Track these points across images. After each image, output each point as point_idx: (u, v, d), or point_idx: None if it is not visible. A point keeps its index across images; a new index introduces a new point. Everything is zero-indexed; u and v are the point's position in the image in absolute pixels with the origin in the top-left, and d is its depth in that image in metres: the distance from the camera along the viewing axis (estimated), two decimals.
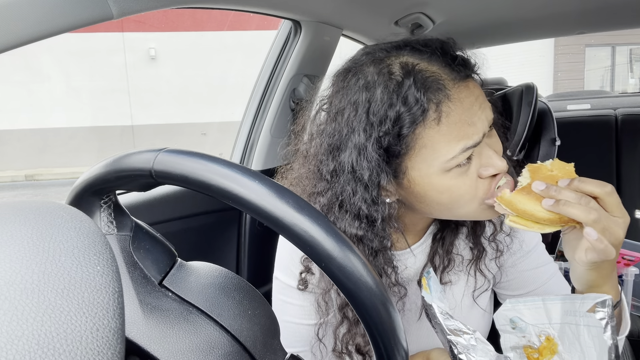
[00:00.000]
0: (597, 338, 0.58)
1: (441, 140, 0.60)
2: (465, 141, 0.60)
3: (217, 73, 9.91)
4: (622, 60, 11.90)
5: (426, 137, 0.60)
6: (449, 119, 0.59)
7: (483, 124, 0.61)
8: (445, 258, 0.77)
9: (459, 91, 0.60)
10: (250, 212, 0.33)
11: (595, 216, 0.56)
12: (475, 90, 0.63)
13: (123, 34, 9.73)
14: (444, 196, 0.63)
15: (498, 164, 0.62)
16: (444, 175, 0.62)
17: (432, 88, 0.59)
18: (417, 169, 0.63)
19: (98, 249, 0.26)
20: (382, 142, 0.61)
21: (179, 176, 0.34)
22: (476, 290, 0.80)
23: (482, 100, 0.63)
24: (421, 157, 0.61)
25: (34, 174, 9.18)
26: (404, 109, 0.59)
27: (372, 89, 0.61)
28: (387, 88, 0.60)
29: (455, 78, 0.61)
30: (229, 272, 0.42)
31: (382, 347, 0.35)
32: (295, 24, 1.31)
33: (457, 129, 0.59)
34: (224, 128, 8.97)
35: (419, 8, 1.31)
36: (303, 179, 0.71)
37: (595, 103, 2.45)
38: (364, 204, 0.63)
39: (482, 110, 0.62)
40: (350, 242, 0.33)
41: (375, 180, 0.62)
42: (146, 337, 0.34)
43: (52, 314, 0.21)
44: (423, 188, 0.64)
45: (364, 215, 0.64)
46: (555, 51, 11.72)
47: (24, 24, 0.59)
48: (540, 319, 0.64)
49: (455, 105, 0.59)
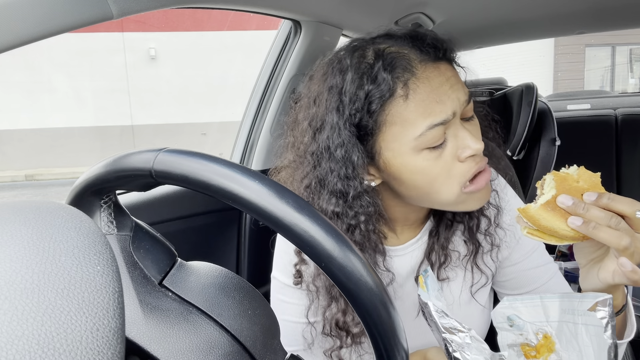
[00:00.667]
0: (596, 337, 0.57)
1: (409, 116, 0.62)
2: (433, 118, 0.62)
3: (217, 73, 9.91)
4: (622, 60, 11.90)
5: (395, 114, 0.63)
6: (416, 96, 0.62)
7: (453, 103, 0.63)
8: (441, 254, 0.77)
9: (427, 71, 0.63)
10: (250, 212, 0.33)
11: (627, 242, 0.53)
12: (447, 72, 0.65)
13: (123, 34, 9.73)
14: (418, 177, 0.65)
15: (472, 145, 0.64)
16: (416, 155, 0.64)
17: (399, 67, 0.63)
18: (390, 149, 0.65)
19: (98, 249, 0.26)
20: (354, 120, 0.64)
21: (179, 176, 0.34)
22: (474, 286, 0.80)
23: (454, 82, 0.65)
24: (392, 135, 0.64)
25: (34, 174, 9.18)
26: (373, 87, 0.63)
27: (345, 72, 0.65)
28: (358, 70, 0.64)
29: (424, 59, 0.64)
30: (229, 272, 0.42)
31: (382, 347, 0.35)
32: (295, 24, 1.31)
33: (425, 106, 0.62)
34: (224, 128, 8.98)
35: (419, 8, 1.31)
36: (292, 166, 0.74)
37: (595, 103, 2.45)
38: (339, 182, 0.66)
39: (453, 90, 0.64)
40: (350, 242, 0.33)
41: (349, 158, 0.65)
42: (146, 337, 0.34)
43: (52, 314, 0.21)
44: (398, 169, 0.66)
45: (341, 192, 0.67)
46: (555, 51, 11.73)
47: (24, 24, 0.59)
48: (537, 316, 0.64)
49: (422, 83, 0.62)
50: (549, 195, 0.58)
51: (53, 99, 9.71)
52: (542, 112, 1.89)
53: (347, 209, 0.67)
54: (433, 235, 0.78)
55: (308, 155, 0.69)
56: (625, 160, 2.18)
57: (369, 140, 0.66)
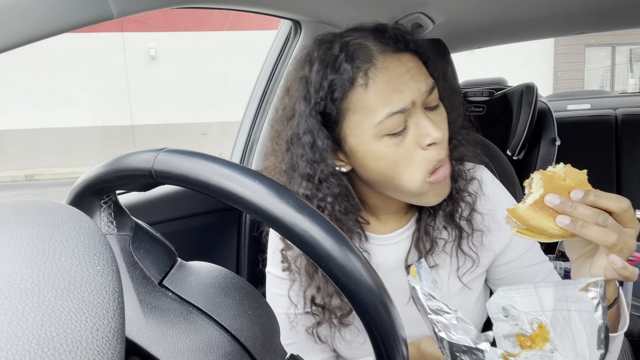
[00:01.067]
0: (588, 322, 0.57)
1: (369, 104, 0.66)
2: (391, 106, 0.65)
3: (217, 73, 9.91)
4: (622, 60, 11.90)
5: (356, 102, 0.67)
6: (375, 85, 0.65)
7: (413, 93, 0.66)
8: (427, 240, 0.79)
9: (387, 61, 0.66)
10: (250, 212, 0.33)
11: (614, 239, 0.53)
12: (409, 63, 0.68)
13: (123, 34, 9.73)
14: (380, 164, 0.68)
15: (432, 133, 0.66)
16: (377, 141, 0.67)
17: (360, 57, 0.66)
18: (354, 136, 0.69)
19: (98, 249, 0.26)
20: (319, 108, 0.68)
21: (179, 176, 0.34)
22: (459, 269, 0.80)
23: (415, 73, 0.67)
24: (354, 122, 0.68)
25: (34, 174, 9.18)
26: (336, 76, 0.67)
27: (312, 64, 0.69)
28: (323, 61, 0.68)
29: (385, 50, 0.67)
30: (229, 272, 0.42)
31: (382, 347, 0.35)
32: (295, 24, 1.31)
33: (384, 94, 0.65)
34: (224, 128, 8.98)
35: (419, 8, 1.31)
36: (273, 154, 0.78)
37: (595, 103, 2.45)
38: (307, 166, 0.70)
39: (414, 81, 0.67)
40: (350, 242, 0.33)
41: (314, 143, 0.69)
42: (146, 337, 0.34)
43: (52, 314, 0.21)
44: (362, 155, 0.69)
45: (309, 176, 0.71)
46: (555, 51, 11.72)
47: (24, 24, 0.59)
48: (532, 306, 0.65)
49: (382, 72, 0.66)
50: (537, 194, 0.59)
51: (53, 99, 9.71)
52: (542, 112, 1.89)
53: (316, 191, 0.71)
54: (418, 222, 0.81)
55: (282, 142, 0.74)
56: (625, 160, 2.18)
57: (335, 128, 0.70)
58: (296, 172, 0.72)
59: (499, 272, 0.84)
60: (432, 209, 0.79)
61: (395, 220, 0.82)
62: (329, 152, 0.70)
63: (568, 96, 2.82)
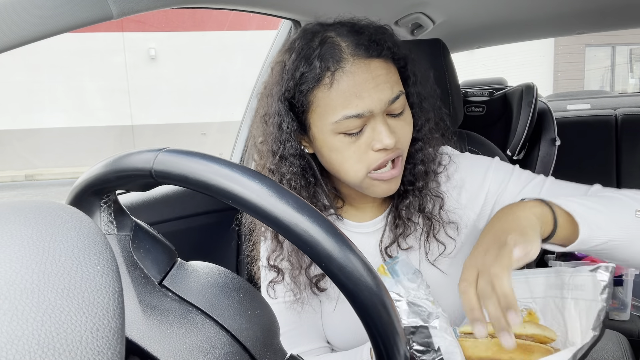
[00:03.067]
0: (586, 308, 0.57)
1: (329, 103, 0.70)
2: (348, 110, 0.68)
3: (217, 73, 9.91)
4: (622, 60, 11.90)
5: (320, 98, 0.70)
6: (338, 87, 0.69)
7: (373, 102, 0.69)
8: (400, 224, 0.81)
9: (355, 66, 0.69)
10: (250, 212, 0.33)
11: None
12: (377, 70, 0.70)
13: (123, 34, 9.73)
14: (332, 155, 0.73)
15: (384, 140, 0.69)
16: (333, 136, 0.71)
17: (331, 57, 0.69)
18: (316, 126, 0.73)
19: (98, 249, 0.26)
20: (288, 95, 0.73)
21: (179, 176, 0.34)
22: (428, 254, 0.82)
23: (380, 81, 0.69)
24: (317, 115, 0.72)
25: (34, 174, 9.18)
26: (307, 70, 0.70)
27: (292, 52, 0.73)
28: (301, 53, 0.71)
29: (356, 54, 0.69)
30: (229, 272, 0.42)
31: (382, 347, 0.35)
32: (295, 24, 1.31)
33: (344, 97, 0.68)
34: (224, 128, 8.98)
35: (419, 8, 1.31)
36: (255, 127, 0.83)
37: (595, 103, 2.44)
38: (274, 143, 0.75)
39: (377, 90, 0.69)
40: (350, 242, 0.33)
41: (280, 125, 0.74)
42: (146, 337, 0.34)
43: (52, 314, 0.21)
44: (320, 144, 0.74)
45: (274, 152, 0.76)
46: (555, 51, 11.72)
47: (24, 24, 0.59)
48: (522, 293, 0.65)
49: (347, 76, 0.68)
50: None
51: (53, 99, 9.71)
52: (542, 112, 1.89)
53: (278, 167, 0.76)
54: (392, 206, 0.84)
55: (259, 117, 0.80)
56: (625, 160, 2.18)
57: (301, 115, 0.74)
58: (266, 147, 0.78)
59: None
60: (404, 192, 0.81)
61: (373, 208, 0.85)
62: (292, 134, 0.74)
63: (568, 96, 2.82)
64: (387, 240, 0.83)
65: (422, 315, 0.63)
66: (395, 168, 0.73)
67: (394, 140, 0.70)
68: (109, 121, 9.98)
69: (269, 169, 0.78)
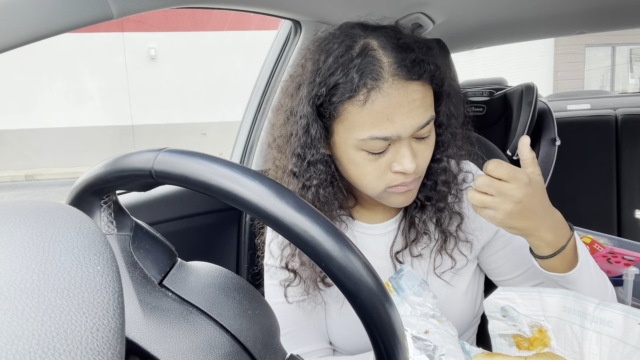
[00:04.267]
0: (609, 348, 0.56)
1: (359, 120, 0.67)
2: (376, 131, 0.67)
3: (217, 73, 9.90)
4: (622, 60, 11.89)
5: (350, 112, 0.68)
6: (372, 106, 0.66)
7: (404, 127, 0.67)
8: (412, 232, 0.81)
9: (393, 87, 0.66)
10: (250, 212, 0.33)
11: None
12: (414, 94, 0.67)
13: (123, 34, 9.72)
14: (351, 167, 0.72)
15: (406, 165, 0.69)
16: (356, 151, 0.70)
17: (371, 74, 0.66)
18: (340, 136, 0.71)
19: (98, 249, 0.26)
20: (316, 101, 0.70)
21: (179, 176, 0.34)
22: (437, 268, 0.82)
23: (415, 106, 0.67)
24: (343, 127, 0.70)
25: (34, 174, 9.18)
26: (342, 80, 0.67)
27: (329, 54, 0.69)
28: (339, 58, 0.68)
29: (397, 75, 0.66)
30: (229, 272, 0.42)
31: (382, 347, 0.34)
32: (295, 24, 1.31)
33: (375, 118, 0.66)
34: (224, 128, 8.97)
35: (419, 8, 1.31)
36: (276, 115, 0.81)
37: (595, 103, 2.44)
38: (299, 147, 0.73)
39: (409, 116, 0.67)
40: (350, 242, 0.33)
41: (308, 129, 0.71)
42: (146, 337, 0.34)
43: (52, 314, 0.21)
44: (340, 154, 0.73)
45: (299, 156, 0.74)
46: (555, 51, 11.72)
47: (24, 24, 0.59)
48: (534, 310, 0.64)
49: (383, 97, 0.66)
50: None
51: (53, 99, 9.70)
52: (542, 112, 1.89)
53: (303, 172, 0.74)
54: (405, 212, 0.84)
55: (282, 112, 0.77)
56: (625, 160, 2.18)
57: (328, 121, 0.71)
58: (289, 147, 0.75)
59: (496, 260, 0.85)
60: (420, 201, 0.81)
61: (384, 210, 0.85)
62: (321, 140, 0.72)
63: (568, 96, 2.82)
64: (398, 245, 0.82)
65: (428, 351, 0.61)
66: (409, 185, 0.73)
67: (415, 166, 0.69)
68: (109, 121, 9.97)
69: (292, 172, 0.75)
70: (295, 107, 0.73)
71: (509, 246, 0.83)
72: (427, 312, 0.68)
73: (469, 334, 0.89)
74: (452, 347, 0.61)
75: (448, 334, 0.64)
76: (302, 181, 0.75)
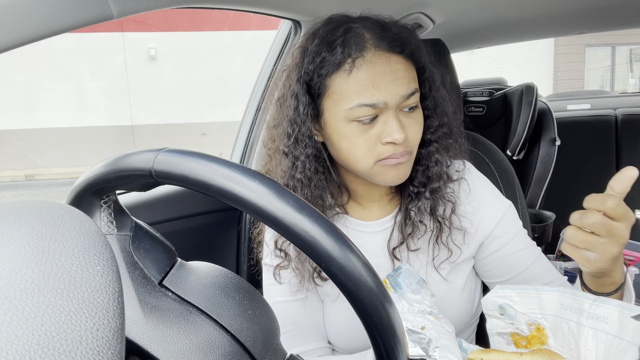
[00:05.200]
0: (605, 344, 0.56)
1: (346, 90, 0.71)
2: (363, 98, 0.70)
3: (217, 73, 9.90)
4: (622, 60, 11.90)
5: (337, 84, 0.72)
6: (357, 74, 0.70)
7: (389, 94, 0.70)
8: (409, 224, 0.82)
9: (376, 57, 0.71)
10: (250, 212, 0.33)
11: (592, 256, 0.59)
12: (397, 65, 0.71)
13: (123, 34, 9.73)
14: (342, 142, 0.74)
15: (394, 134, 0.70)
16: (347, 123, 0.72)
17: (354, 45, 0.71)
18: (329, 112, 0.74)
19: (98, 249, 0.26)
20: (306, 77, 0.74)
21: (179, 176, 0.34)
22: (435, 259, 0.82)
23: (399, 76, 0.71)
24: (332, 101, 0.73)
25: (34, 174, 9.18)
26: (328, 55, 0.72)
27: (315, 38, 0.75)
28: (324, 39, 0.73)
29: (379, 46, 0.71)
30: (229, 272, 0.42)
31: (382, 347, 0.35)
32: (295, 24, 1.31)
33: (361, 86, 0.70)
34: (224, 128, 8.98)
35: (419, 8, 1.31)
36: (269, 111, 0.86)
37: (595, 103, 2.45)
38: (289, 126, 0.76)
39: (394, 84, 0.70)
40: (350, 242, 0.33)
41: (297, 107, 0.75)
42: (146, 337, 0.34)
43: (52, 314, 0.21)
44: (331, 130, 0.75)
45: (289, 134, 0.77)
46: (555, 51, 11.72)
47: (24, 24, 0.59)
48: (532, 308, 0.64)
49: (367, 65, 0.70)
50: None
51: (53, 99, 9.71)
52: (542, 112, 1.89)
53: (292, 148, 0.77)
54: (401, 206, 0.84)
55: (276, 100, 0.81)
56: (625, 160, 2.18)
57: (317, 100, 0.75)
58: (280, 129, 0.79)
59: (489, 263, 0.85)
60: (414, 194, 0.82)
61: (379, 207, 0.86)
62: (308, 117, 0.75)
63: (568, 96, 2.82)
64: (395, 241, 0.83)
65: (422, 344, 0.61)
66: (400, 157, 0.74)
67: (404, 136, 0.71)
68: (109, 121, 9.98)
69: (282, 152, 0.78)
70: (285, 93, 0.77)
71: (503, 249, 0.83)
72: (424, 309, 0.68)
73: (467, 333, 0.89)
74: (448, 342, 0.62)
75: (444, 330, 0.64)
76: (291, 159, 0.77)
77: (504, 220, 0.83)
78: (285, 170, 0.78)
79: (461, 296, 0.84)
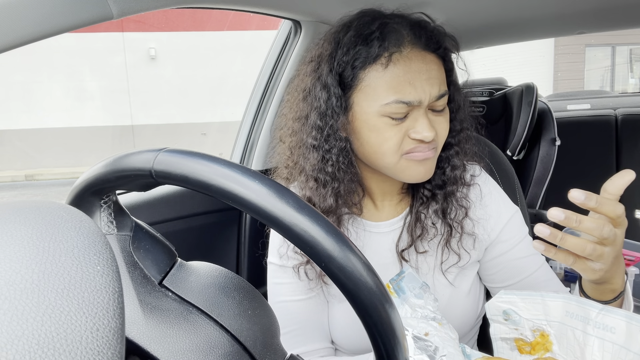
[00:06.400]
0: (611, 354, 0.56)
1: (382, 85, 0.70)
2: (400, 95, 0.69)
3: (217, 73, 9.90)
4: (622, 60, 11.90)
5: (372, 78, 0.71)
6: (394, 70, 0.70)
7: (424, 93, 0.70)
8: (418, 227, 0.82)
9: (412, 53, 0.71)
10: (250, 212, 0.33)
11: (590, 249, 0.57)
12: (431, 64, 0.72)
13: (123, 34, 9.73)
14: (372, 135, 0.73)
15: (424, 132, 0.71)
16: (378, 117, 0.72)
17: (391, 40, 0.70)
18: (360, 105, 0.73)
19: (98, 249, 0.26)
20: (339, 69, 0.73)
21: (179, 176, 0.34)
22: (444, 263, 0.82)
23: (432, 75, 0.71)
24: (364, 94, 0.72)
25: (34, 174, 9.18)
26: (363, 48, 0.71)
27: (349, 28, 0.74)
28: (359, 32, 0.72)
29: (415, 43, 0.71)
30: (229, 272, 0.42)
31: (382, 347, 0.35)
32: (295, 24, 1.31)
33: (397, 82, 0.70)
34: (224, 128, 8.98)
35: (419, 8, 1.31)
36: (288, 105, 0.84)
37: (595, 103, 2.45)
38: (318, 119, 0.75)
39: (429, 83, 0.70)
40: (350, 242, 0.33)
41: (328, 99, 0.73)
42: (146, 337, 0.34)
43: (52, 314, 0.21)
44: (359, 124, 0.74)
45: (319, 127, 0.75)
46: (555, 51, 11.72)
47: (24, 24, 0.59)
48: (536, 314, 0.63)
49: (404, 61, 0.70)
50: None
51: (53, 99, 9.71)
52: (542, 112, 1.89)
53: (323, 142, 0.75)
54: (411, 208, 0.84)
55: (300, 91, 0.79)
56: (625, 160, 2.18)
57: (347, 92, 0.74)
58: (308, 121, 0.77)
59: (491, 267, 0.85)
60: (426, 197, 0.82)
61: (390, 208, 0.86)
62: (341, 109, 0.74)
63: (568, 96, 2.82)
64: (404, 243, 0.83)
65: (429, 351, 0.61)
66: (426, 151, 0.73)
67: (433, 134, 0.71)
68: (109, 121, 9.98)
69: (310, 145, 0.76)
70: (314, 83, 0.75)
71: (507, 254, 0.83)
72: (427, 314, 0.67)
73: (469, 336, 0.89)
74: (453, 350, 0.61)
75: (448, 336, 0.63)
76: (321, 153, 0.76)
77: (509, 225, 0.83)
78: (314, 164, 0.76)
79: (466, 300, 0.84)
